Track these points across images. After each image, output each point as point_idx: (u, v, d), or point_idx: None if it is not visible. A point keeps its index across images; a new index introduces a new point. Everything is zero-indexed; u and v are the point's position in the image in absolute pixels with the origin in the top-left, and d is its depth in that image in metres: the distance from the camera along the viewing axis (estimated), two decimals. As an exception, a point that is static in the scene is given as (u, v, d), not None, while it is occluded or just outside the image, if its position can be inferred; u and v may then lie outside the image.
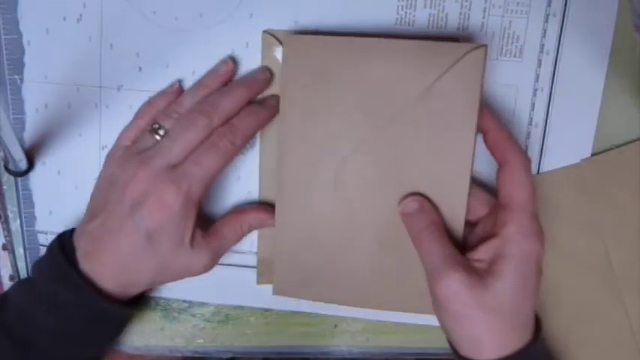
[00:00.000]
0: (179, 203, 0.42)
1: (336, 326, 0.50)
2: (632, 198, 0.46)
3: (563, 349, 0.48)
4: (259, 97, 0.46)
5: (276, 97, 0.45)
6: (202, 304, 0.51)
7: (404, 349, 0.50)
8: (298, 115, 0.44)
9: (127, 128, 0.47)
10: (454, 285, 0.39)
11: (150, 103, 0.47)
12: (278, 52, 0.46)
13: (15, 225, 0.50)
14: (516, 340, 0.40)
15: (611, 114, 0.46)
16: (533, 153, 0.47)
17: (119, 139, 0.46)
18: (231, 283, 0.49)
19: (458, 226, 0.44)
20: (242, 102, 0.45)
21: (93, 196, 0.46)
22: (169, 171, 0.42)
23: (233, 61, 0.46)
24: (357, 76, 0.43)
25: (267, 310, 0.50)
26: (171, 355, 0.51)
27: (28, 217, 0.50)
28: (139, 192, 0.42)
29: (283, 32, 0.46)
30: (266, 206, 0.48)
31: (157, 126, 0.44)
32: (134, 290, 0.45)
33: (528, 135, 0.47)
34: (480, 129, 0.43)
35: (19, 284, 0.46)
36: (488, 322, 0.40)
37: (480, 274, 0.40)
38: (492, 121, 0.43)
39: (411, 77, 0.42)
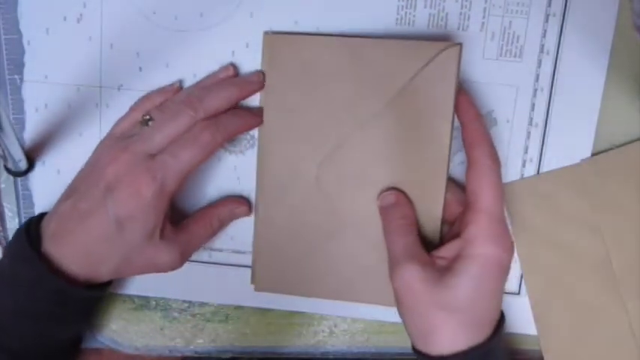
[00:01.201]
0: (151, 193, 0.41)
1: (336, 326, 0.50)
2: (632, 198, 0.46)
3: (564, 349, 0.48)
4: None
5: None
6: (202, 304, 0.51)
7: (404, 349, 0.50)
8: (281, 111, 0.45)
9: (120, 119, 0.46)
10: (408, 277, 0.40)
11: (147, 97, 0.47)
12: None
13: (13, 224, 0.50)
14: (470, 338, 0.40)
15: (611, 114, 0.46)
16: (534, 153, 0.47)
17: (112, 128, 0.46)
18: (231, 283, 0.49)
19: (434, 223, 0.45)
20: (230, 101, 0.45)
21: (74, 178, 0.45)
22: (147, 159, 0.42)
23: (234, 67, 0.46)
24: (339, 73, 0.44)
25: (267, 310, 0.50)
26: (171, 355, 0.51)
27: (28, 217, 0.50)
28: (113, 176, 0.42)
29: (284, 33, 0.46)
30: (236, 197, 0.48)
31: (147, 117, 0.44)
32: (97, 277, 0.44)
33: (528, 135, 0.47)
34: (460, 122, 0.44)
35: None
36: (440, 318, 0.40)
37: (439, 271, 0.41)
38: (470, 115, 0.43)
39: (390, 75, 0.44)
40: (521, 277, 0.48)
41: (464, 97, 0.44)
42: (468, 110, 0.43)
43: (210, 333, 0.51)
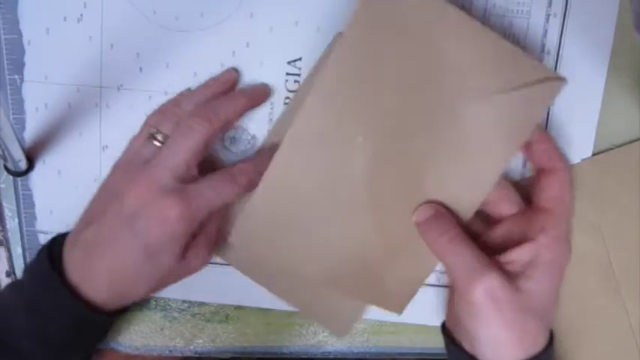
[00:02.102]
0: (182, 221, 0.41)
1: (336, 326, 0.51)
2: (632, 198, 0.46)
3: (564, 349, 0.48)
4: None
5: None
6: (202, 304, 0.51)
7: (404, 349, 0.50)
8: (336, 76, 0.41)
9: (133, 138, 0.46)
10: (490, 288, 0.39)
11: (158, 111, 0.46)
12: None
13: (13, 223, 0.50)
14: (535, 344, 0.40)
15: (611, 114, 0.46)
16: (534, 153, 0.47)
17: (126, 149, 0.46)
18: (231, 283, 0.49)
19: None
20: (242, 113, 0.45)
21: (91, 203, 0.45)
22: (173, 183, 0.41)
23: (236, 72, 0.46)
24: (422, 43, 0.40)
25: (267, 310, 0.50)
26: (171, 355, 0.51)
27: (28, 217, 0.50)
28: (137, 202, 0.41)
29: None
30: None
31: (154, 131, 0.44)
32: (126, 302, 0.44)
33: (529, 135, 0.47)
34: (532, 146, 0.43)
35: (11, 285, 0.45)
36: (516, 324, 0.39)
37: (511, 277, 0.40)
38: (540, 134, 0.43)
39: (477, 73, 0.40)
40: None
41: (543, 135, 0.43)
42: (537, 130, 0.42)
43: (210, 333, 0.51)
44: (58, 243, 0.44)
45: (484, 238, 0.44)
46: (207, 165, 0.46)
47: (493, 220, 0.44)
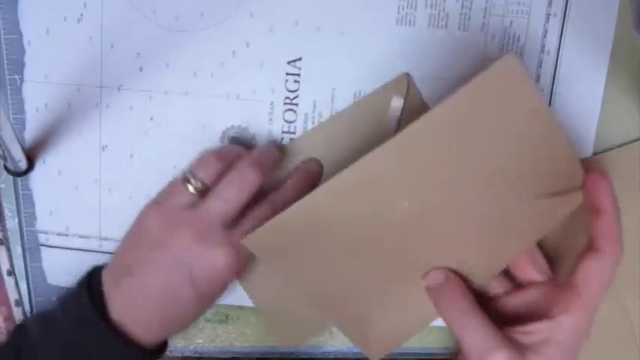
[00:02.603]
0: (232, 267, 0.42)
1: (336, 326, 0.51)
2: (632, 198, 0.46)
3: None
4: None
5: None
6: (202, 304, 0.51)
7: (404, 349, 0.50)
8: (412, 141, 0.39)
9: (171, 182, 0.46)
10: None
11: (198, 160, 0.46)
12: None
13: (13, 223, 0.50)
14: None
15: (611, 114, 0.46)
16: (534, 153, 0.47)
17: (163, 191, 0.45)
18: (232, 284, 0.49)
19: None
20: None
21: (127, 248, 0.44)
22: (221, 232, 0.42)
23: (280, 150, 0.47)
24: (504, 135, 0.39)
25: (267, 310, 0.50)
26: (171, 355, 0.51)
27: (28, 217, 0.50)
28: (189, 253, 0.41)
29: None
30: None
31: (189, 175, 0.44)
32: (170, 336, 0.46)
33: (529, 135, 0.47)
34: (593, 203, 0.40)
35: (40, 318, 0.44)
36: None
37: (521, 350, 0.39)
38: (609, 203, 0.40)
39: (530, 175, 0.40)
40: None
41: (605, 180, 0.40)
42: (606, 194, 0.40)
43: (210, 333, 0.51)
44: (94, 282, 0.43)
45: (504, 301, 0.43)
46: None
47: (518, 283, 0.44)
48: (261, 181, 0.43)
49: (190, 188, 0.43)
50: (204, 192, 0.43)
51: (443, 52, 0.46)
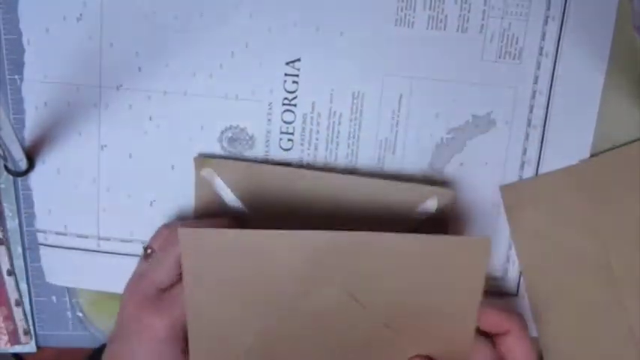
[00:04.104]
0: (166, 329, 0.41)
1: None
2: (631, 198, 0.46)
3: (564, 349, 0.48)
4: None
5: None
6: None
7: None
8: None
9: None
10: None
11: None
12: (209, 174, 0.47)
13: (13, 223, 0.50)
14: None
15: (610, 115, 0.46)
16: (532, 154, 0.47)
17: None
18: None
19: None
20: None
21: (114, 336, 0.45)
22: (155, 294, 0.42)
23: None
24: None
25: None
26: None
27: (27, 216, 0.50)
28: (129, 319, 0.42)
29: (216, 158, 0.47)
30: None
31: (146, 247, 0.46)
32: None
33: (527, 137, 0.47)
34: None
35: None
36: None
37: None
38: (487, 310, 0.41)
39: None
40: (520, 278, 0.48)
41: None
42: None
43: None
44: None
45: None
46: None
47: None
48: None
49: (147, 259, 0.44)
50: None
51: (441, 54, 0.46)
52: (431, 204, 0.46)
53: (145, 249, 0.45)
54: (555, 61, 0.46)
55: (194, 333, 0.41)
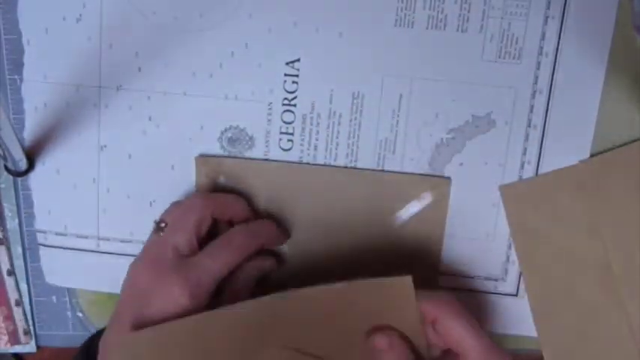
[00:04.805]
0: (186, 296, 0.40)
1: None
2: (631, 198, 0.46)
3: (564, 349, 0.48)
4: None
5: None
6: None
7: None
8: None
9: None
10: None
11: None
12: (209, 174, 0.48)
13: (13, 223, 0.50)
14: None
15: (610, 115, 0.46)
16: (532, 155, 0.47)
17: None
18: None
19: None
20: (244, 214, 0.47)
21: (122, 307, 0.44)
22: (174, 260, 0.42)
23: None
24: None
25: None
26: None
27: (27, 216, 0.50)
28: (146, 285, 0.42)
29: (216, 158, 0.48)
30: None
31: (159, 221, 0.45)
32: None
33: (527, 137, 0.47)
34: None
35: None
36: None
37: None
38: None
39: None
40: (519, 278, 0.48)
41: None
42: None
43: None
44: (93, 349, 0.44)
45: None
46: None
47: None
48: (209, 207, 0.44)
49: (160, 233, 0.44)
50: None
51: (441, 54, 0.46)
52: (427, 194, 0.47)
53: (158, 223, 0.44)
54: (555, 61, 0.45)
55: None
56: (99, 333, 0.44)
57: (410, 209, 0.48)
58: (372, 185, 0.47)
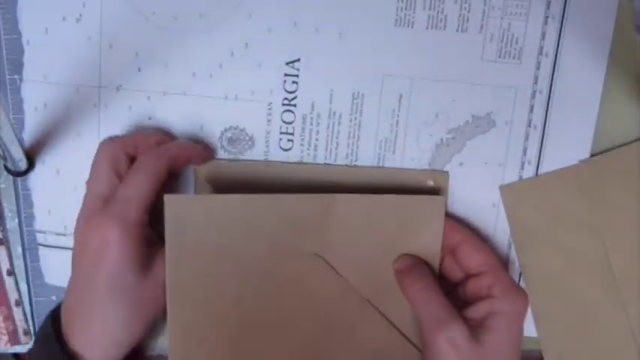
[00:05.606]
0: (118, 231, 0.40)
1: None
2: (631, 198, 0.46)
3: (564, 349, 0.48)
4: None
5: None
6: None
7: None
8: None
9: None
10: (455, 336, 0.40)
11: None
12: (209, 174, 0.48)
13: (13, 223, 0.50)
14: None
15: (610, 115, 0.46)
16: (532, 155, 0.47)
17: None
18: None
19: None
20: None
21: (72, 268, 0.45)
22: (100, 204, 0.43)
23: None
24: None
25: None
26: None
27: (26, 217, 0.50)
28: (80, 237, 0.43)
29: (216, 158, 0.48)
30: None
31: None
32: (124, 351, 0.43)
33: (527, 137, 0.47)
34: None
35: (30, 352, 0.48)
36: None
37: (474, 330, 0.41)
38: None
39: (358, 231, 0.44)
40: (520, 279, 0.48)
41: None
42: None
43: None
44: (58, 314, 0.44)
45: (459, 290, 0.45)
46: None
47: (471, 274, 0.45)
48: (116, 144, 0.44)
49: None
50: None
51: (441, 54, 0.46)
52: (427, 187, 0.48)
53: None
54: (555, 61, 0.46)
55: (172, 298, 0.42)
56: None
57: None
58: (372, 181, 0.48)
